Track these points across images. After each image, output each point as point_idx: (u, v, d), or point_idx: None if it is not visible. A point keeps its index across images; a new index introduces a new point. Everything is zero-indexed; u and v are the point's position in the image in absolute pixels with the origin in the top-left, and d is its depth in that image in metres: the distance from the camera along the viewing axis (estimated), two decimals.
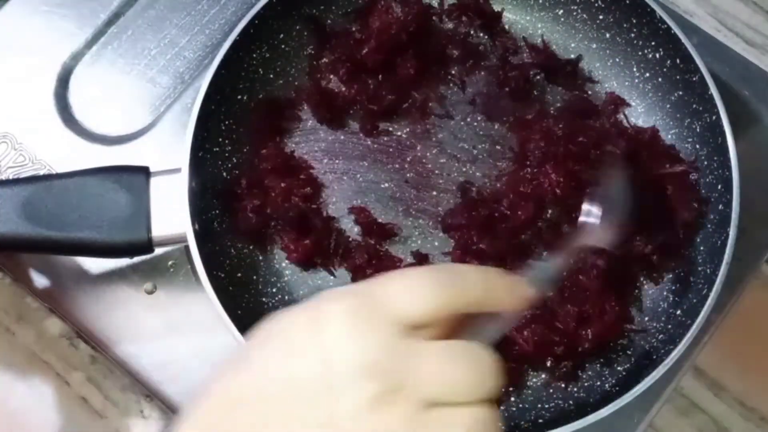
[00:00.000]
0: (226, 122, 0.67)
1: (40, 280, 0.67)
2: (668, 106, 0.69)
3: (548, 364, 0.63)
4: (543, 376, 0.64)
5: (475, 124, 0.70)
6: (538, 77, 0.71)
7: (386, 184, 0.68)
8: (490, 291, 0.40)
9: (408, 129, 0.70)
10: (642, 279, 0.66)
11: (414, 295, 0.37)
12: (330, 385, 0.35)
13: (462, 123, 0.70)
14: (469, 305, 0.39)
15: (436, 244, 0.67)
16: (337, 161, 0.69)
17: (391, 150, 0.69)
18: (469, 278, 0.40)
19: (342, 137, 0.70)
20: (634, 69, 0.71)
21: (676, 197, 0.65)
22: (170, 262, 0.67)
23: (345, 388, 0.35)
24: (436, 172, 0.69)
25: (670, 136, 0.69)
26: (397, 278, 0.38)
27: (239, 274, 0.64)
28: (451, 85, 0.71)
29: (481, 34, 0.73)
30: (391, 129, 0.70)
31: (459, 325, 0.40)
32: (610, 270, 0.63)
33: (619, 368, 0.63)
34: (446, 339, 0.38)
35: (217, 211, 0.65)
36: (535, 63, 0.71)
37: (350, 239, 0.67)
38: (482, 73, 0.71)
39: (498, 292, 0.40)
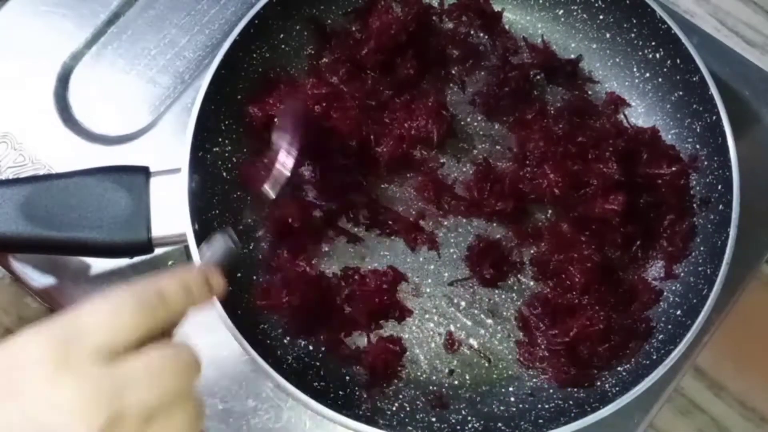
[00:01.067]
0: (226, 122, 0.67)
1: (40, 280, 0.67)
2: (668, 106, 0.69)
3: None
4: (543, 376, 0.64)
5: (475, 124, 0.70)
6: (539, 77, 0.71)
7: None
8: (189, 299, 0.43)
9: None
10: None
11: (111, 325, 0.39)
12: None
13: (462, 123, 0.70)
14: (171, 318, 0.42)
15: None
16: None
17: None
18: (167, 295, 0.41)
19: None
20: (635, 69, 0.71)
21: (671, 201, 0.65)
22: (170, 262, 0.67)
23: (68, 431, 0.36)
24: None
25: (670, 136, 0.69)
26: (94, 308, 0.39)
27: (239, 274, 0.64)
28: (451, 84, 0.71)
29: (482, 34, 0.73)
30: None
31: None
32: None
33: (619, 368, 0.63)
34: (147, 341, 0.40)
35: (217, 211, 0.65)
36: (535, 63, 0.71)
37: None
38: (482, 73, 0.71)
39: (196, 295, 0.43)
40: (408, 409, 0.63)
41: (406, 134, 0.67)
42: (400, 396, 0.63)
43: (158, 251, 0.62)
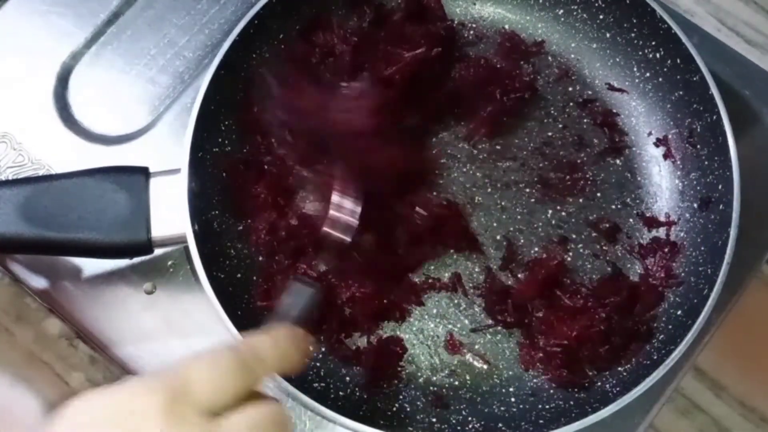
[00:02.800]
0: (226, 122, 0.67)
1: (39, 281, 0.67)
2: (669, 105, 0.69)
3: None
4: (543, 377, 0.64)
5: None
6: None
7: None
8: (284, 361, 0.45)
9: None
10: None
11: (216, 386, 0.41)
12: None
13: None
14: (266, 376, 0.44)
15: None
16: None
17: None
18: (263, 355, 0.44)
19: None
20: (635, 69, 0.71)
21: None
22: (170, 263, 0.67)
23: None
24: (437, 172, 0.69)
25: (670, 136, 0.69)
26: (200, 366, 0.41)
27: (239, 275, 0.64)
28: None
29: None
30: None
31: None
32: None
33: (619, 369, 0.63)
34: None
35: (217, 212, 0.65)
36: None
37: None
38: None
39: (290, 358, 0.46)
40: (408, 409, 0.63)
41: None
42: (400, 396, 0.63)
43: (158, 252, 0.62)
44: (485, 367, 0.64)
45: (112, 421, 0.40)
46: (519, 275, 0.66)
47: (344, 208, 0.60)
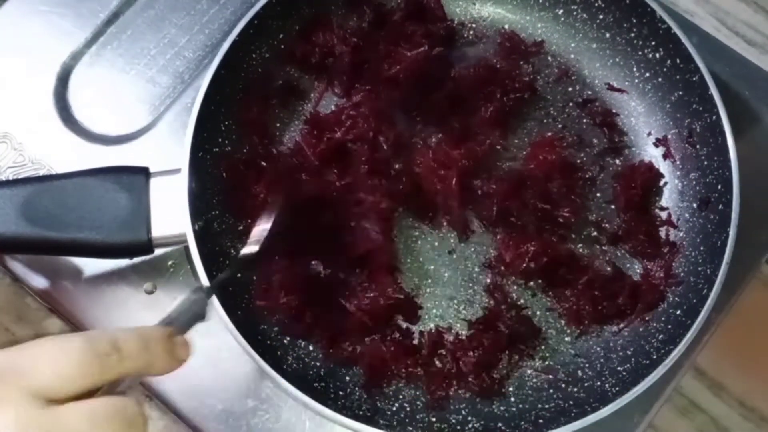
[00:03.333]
0: (226, 122, 0.67)
1: (39, 280, 0.67)
2: (668, 105, 0.69)
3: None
4: (543, 376, 0.64)
5: None
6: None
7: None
8: (145, 360, 0.40)
9: None
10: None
11: (56, 372, 0.37)
12: None
13: None
14: (121, 377, 0.39)
15: None
16: None
17: None
18: (124, 352, 0.39)
19: None
20: (634, 69, 0.71)
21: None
22: (170, 262, 0.67)
23: None
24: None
25: (670, 136, 0.69)
26: (40, 350, 0.38)
27: (239, 275, 0.64)
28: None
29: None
30: None
31: None
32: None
33: (619, 368, 0.63)
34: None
35: (217, 212, 0.65)
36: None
37: None
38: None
39: (156, 363, 0.41)
40: (408, 409, 0.63)
41: None
42: (400, 396, 0.63)
43: (158, 251, 0.62)
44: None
45: None
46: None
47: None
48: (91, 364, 0.38)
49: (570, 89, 0.72)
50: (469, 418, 0.62)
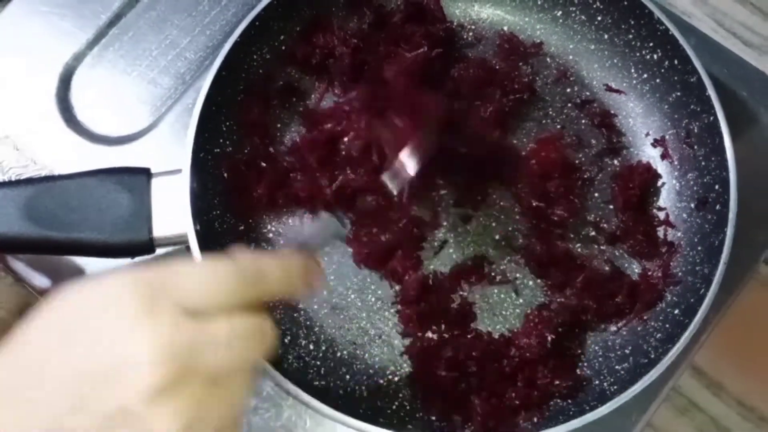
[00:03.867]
0: (227, 123, 0.67)
1: (42, 280, 0.67)
2: (666, 107, 0.69)
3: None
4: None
5: None
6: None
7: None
8: (286, 285, 0.43)
9: None
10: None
11: (204, 288, 0.39)
12: (119, 372, 0.36)
13: None
14: (263, 299, 0.41)
15: None
16: None
17: None
18: (267, 276, 0.41)
19: None
20: (632, 70, 0.71)
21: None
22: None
23: (135, 375, 0.36)
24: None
25: (668, 137, 0.69)
26: (193, 268, 0.39)
27: None
28: None
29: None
30: None
31: None
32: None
33: (617, 367, 0.63)
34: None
35: (218, 212, 0.65)
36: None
37: None
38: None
39: (293, 283, 0.43)
40: (408, 408, 0.63)
41: None
42: (400, 395, 0.64)
43: (159, 251, 0.62)
44: None
45: (83, 317, 0.38)
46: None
47: (407, 166, 0.59)
48: (237, 285, 0.40)
49: (569, 90, 0.72)
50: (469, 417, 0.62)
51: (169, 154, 0.69)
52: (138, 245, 0.61)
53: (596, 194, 0.69)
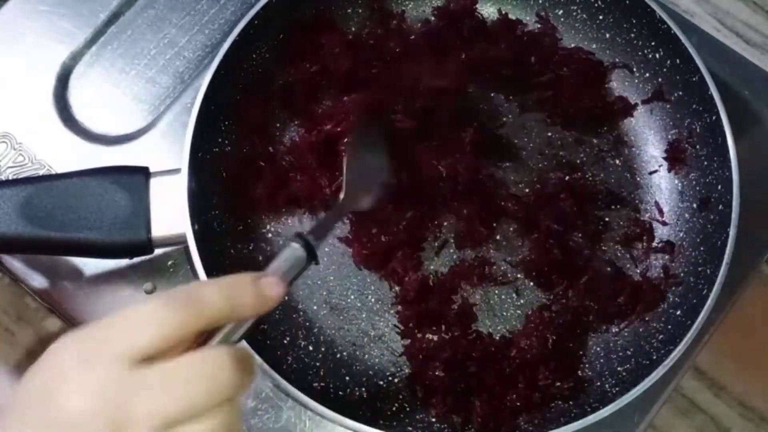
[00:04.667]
0: (226, 123, 0.67)
1: (39, 280, 0.67)
2: (668, 106, 0.69)
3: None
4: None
5: None
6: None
7: None
8: (232, 306, 0.41)
9: None
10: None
11: (136, 332, 0.38)
12: (69, 427, 0.37)
13: None
14: (208, 325, 0.40)
15: None
16: None
17: None
18: (207, 300, 0.40)
19: None
20: (634, 69, 0.71)
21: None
22: (170, 262, 0.67)
23: (79, 429, 0.37)
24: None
25: (670, 137, 0.69)
26: (126, 314, 0.39)
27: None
28: None
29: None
30: None
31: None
32: None
33: (619, 368, 0.63)
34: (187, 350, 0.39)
35: (217, 212, 0.65)
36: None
37: None
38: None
39: (242, 303, 0.41)
40: (408, 409, 0.63)
41: None
42: (400, 396, 0.63)
43: (158, 251, 0.62)
44: None
45: (35, 386, 0.39)
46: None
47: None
48: (173, 320, 0.39)
49: None
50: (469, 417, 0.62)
51: (167, 154, 0.69)
52: (136, 245, 0.61)
53: (597, 195, 0.69)
